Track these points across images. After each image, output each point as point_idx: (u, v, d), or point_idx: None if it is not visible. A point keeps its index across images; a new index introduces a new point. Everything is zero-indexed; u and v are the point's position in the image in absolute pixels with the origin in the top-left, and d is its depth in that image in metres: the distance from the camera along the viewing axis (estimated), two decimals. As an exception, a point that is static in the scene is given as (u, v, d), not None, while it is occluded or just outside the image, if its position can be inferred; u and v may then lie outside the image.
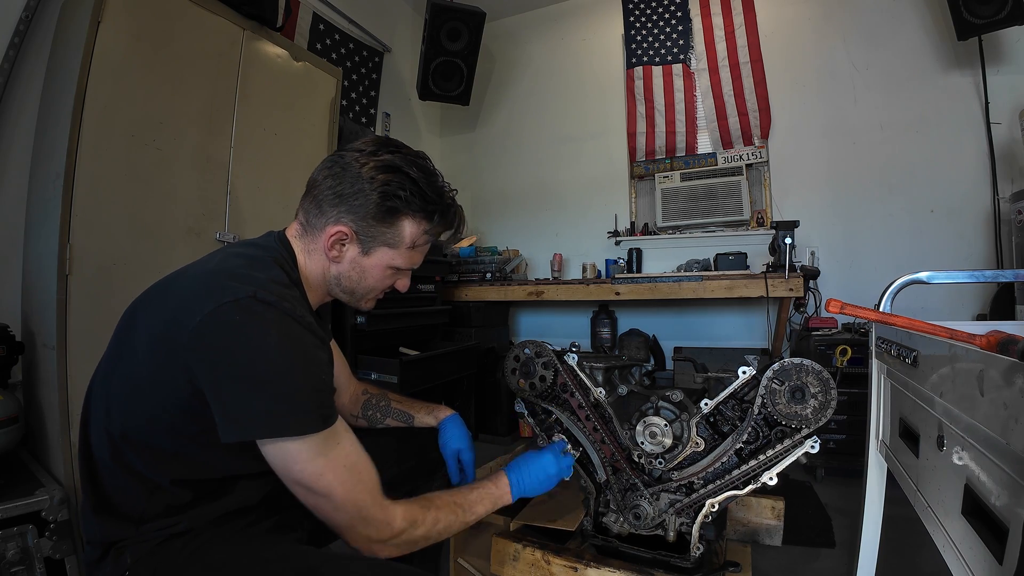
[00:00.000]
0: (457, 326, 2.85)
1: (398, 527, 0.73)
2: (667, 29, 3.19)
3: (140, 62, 1.49)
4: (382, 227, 0.79)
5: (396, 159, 0.78)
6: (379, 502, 0.72)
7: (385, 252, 0.81)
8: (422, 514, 0.77)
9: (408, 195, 0.78)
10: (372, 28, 3.15)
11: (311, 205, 0.80)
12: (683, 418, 1.10)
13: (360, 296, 0.86)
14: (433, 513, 0.78)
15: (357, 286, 0.84)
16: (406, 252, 0.82)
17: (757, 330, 2.95)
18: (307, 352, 0.69)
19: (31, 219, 1.53)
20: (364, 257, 0.81)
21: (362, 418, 1.12)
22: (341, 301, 0.88)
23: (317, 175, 0.80)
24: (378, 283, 0.85)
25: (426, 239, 0.83)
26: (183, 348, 0.64)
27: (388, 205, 0.77)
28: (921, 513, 0.78)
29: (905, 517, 0.94)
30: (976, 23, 2.24)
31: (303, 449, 0.66)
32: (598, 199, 3.41)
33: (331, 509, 0.69)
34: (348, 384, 1.11)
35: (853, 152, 2.78)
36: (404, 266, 0.84)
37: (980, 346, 0.56)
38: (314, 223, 0.80)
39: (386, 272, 0.84)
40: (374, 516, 0.71)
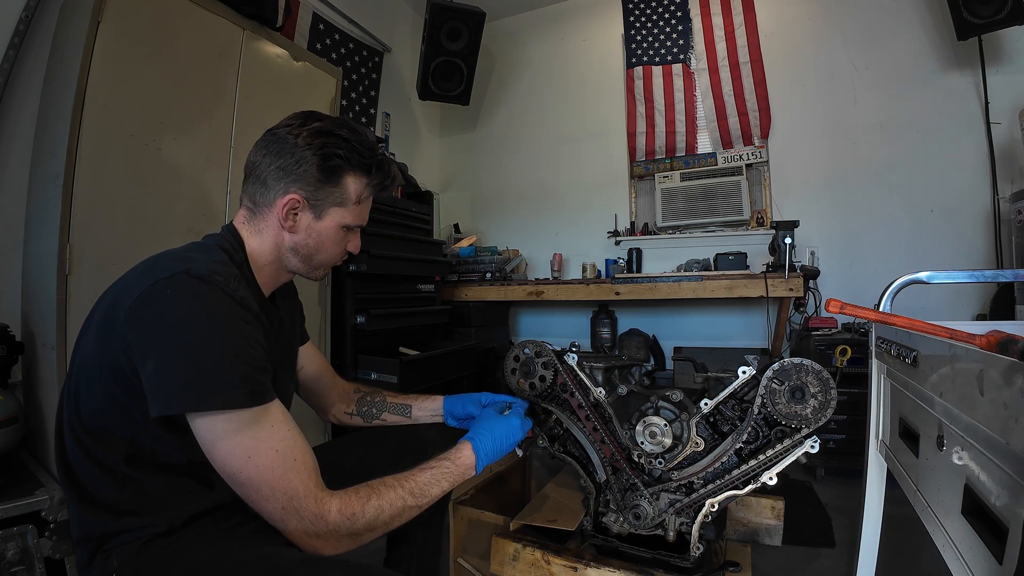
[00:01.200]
0: (457, 326, 2.85)
1: (333, 521, 0.67)
2: (667, 29, 3.19)
3: (140, 62, 1.49)
4: (329, 187, 0.82)
5: (326, 124, 0.82)
6: (312, 492, 0.67)
7: (336, 212, 0.84)
8: (360, 505, 0.70)
9: (345, 152, 0.82)
10: (372, 28, 3.15)
11: (256, 186, 0.82)
12: (683, 418, 1.10)
13: (317, 263, 0.89)
14: (375, 502, 0.72)
15: (315, 252, 0.86)
16: (354, 208, 0.86)
17: (757, 330, 2.95)
18: (235, 325, 0.68)
19: (31, 219, 1.53)
20: (318, 222, 0.84)
21: (357, 415, 1.11)
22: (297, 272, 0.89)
23: (255, 156, 0.83)
24: (334, 246, 0.88)
25: (368, 192, 0.87)
26: (120, 326, 0.65)
27: (329, 165, 0.81)
28: (921, 513, 0.78)
29: (905, 517, 0.94)
30: (976, 23, 2.24)
31: (229, 427, 0.64)
32: (598, 199, 3.41)
33: (259, 498, 0.66)
34: (333, 382, 1.11)
35: (853, 152, 2.78)
36: (354, 223, 0.87)
37: (980, 346, 0.56)
38: (261, 201, 0.82)
39: (339, 233, 0.87)
40: (306, 508, 0.66)
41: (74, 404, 0.71)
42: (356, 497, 0.71)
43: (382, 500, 0.73)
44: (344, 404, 1.11)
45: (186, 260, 0.70)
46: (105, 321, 0.69)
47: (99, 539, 0.70)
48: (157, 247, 1.54)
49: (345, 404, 1.11)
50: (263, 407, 0.67)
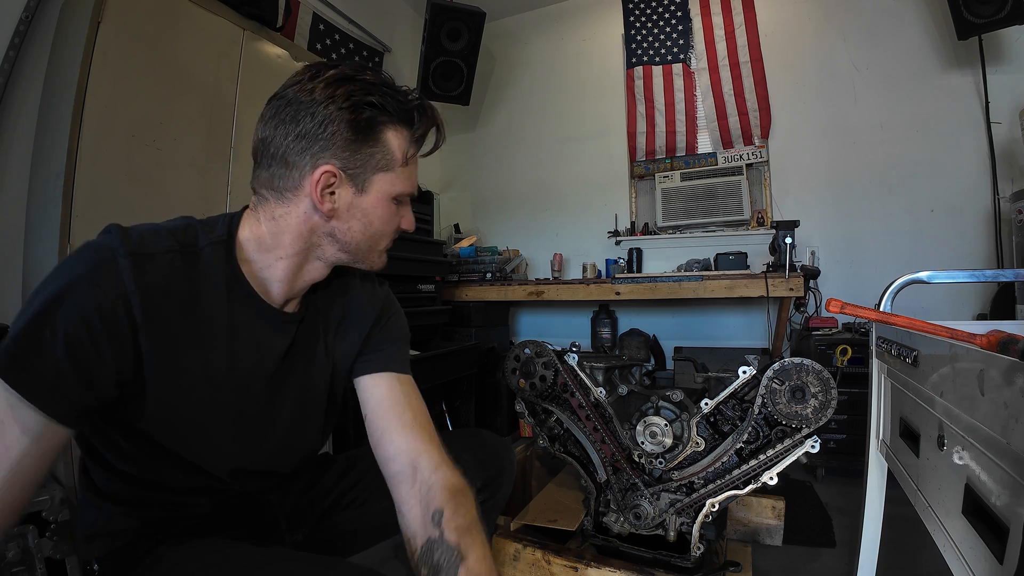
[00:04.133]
0: (457, 326, 2.85)
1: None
2: (667, 29, 3.19)
3: (140, 62, 1.49)
4: (368, 147, 0.65)
5: (345, 69, 0.65)
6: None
7: (383, 179, 0.67)
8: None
9: (379, 99, 0.64)
10: (372, 28, 3.15)
11: (272, 167, 0.65)
12: (683, 418, 1.10)
13: (369, 249, 0.72)
14: None
15: (363, 236, 0.69)
16: (402, 171, 0.69)
17: (757, 330, 2.95)
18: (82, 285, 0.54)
19: (31, 219, 1.53)
20: (362, 196, 0.67)
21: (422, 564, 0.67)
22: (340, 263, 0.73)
23: (264, 131, 0.65)
24: (386, 224, 0.71)
25: (415, 149, 0.70)
26: None
27: (365, 117, 0.64)
28: (921, 513, 0.78)
29: (905, 517, 0.94)
30: (976, 22, 2.24)
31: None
32: (598, 199, 3.41)
33: None
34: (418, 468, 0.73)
35: (853, 152, 2.78)
36: (406, 190, 0.71)
37: (980, 346, 0.56)
38: (282, 185, 0.65)
39: (390, 208, 0.70)
40: None
41: None
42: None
43: None
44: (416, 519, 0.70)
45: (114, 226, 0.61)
46: None
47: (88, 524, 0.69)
48: (157, 247, 1.55)
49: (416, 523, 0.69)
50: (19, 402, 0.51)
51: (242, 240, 0.67)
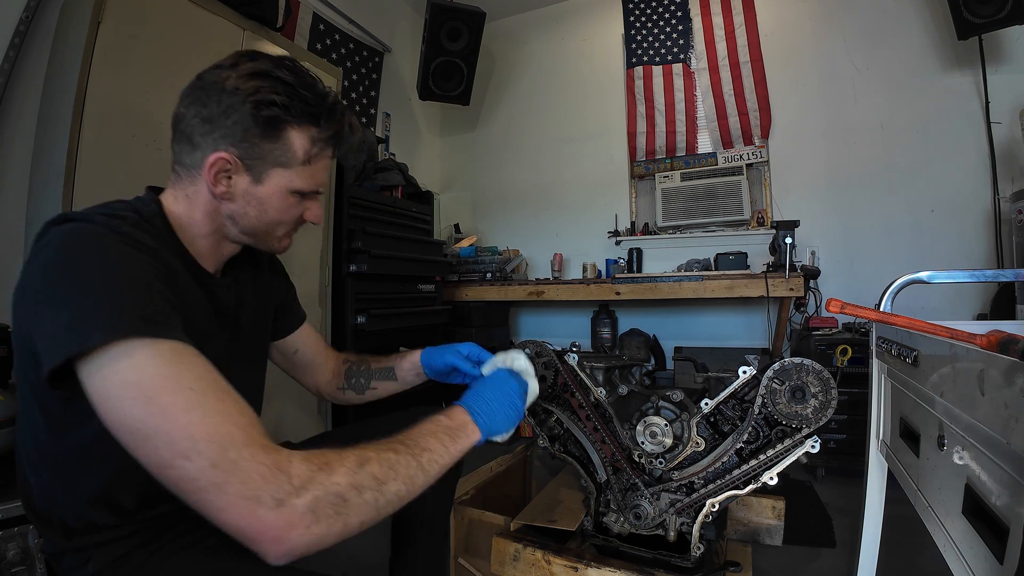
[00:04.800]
0: (457, 326, 2.85)
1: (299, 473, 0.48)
2: (667, 29, 3.19)
3: (140, 62, 1.49)
4: (266, 143, 0.67)
5: (262, 64, 0.67)
6: (256, 440, 0.49)
7: (280, 174, 0.69)
8: (336, 454, 0.52)
9: (285, 99, 0.66)
10: (372, 28, 3.15)
11: (181, 144, 0.70)
12: (683, 418, 1.10)
13: (266, 234, 0.75)
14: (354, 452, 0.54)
15: (258, 222, 0.72)
16: (302, 169, 0.71)
17: (757, 330, 2.95)
18: (120, 250, 0.56)
19: (31, 219, 1.53)
20: (258, 186, 0.69)
21: (349, 388, 1.01)
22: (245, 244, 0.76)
23: (179, 108, 0.70)
24: (282, 214, 0.73)
25: (319, 148, 0.72)
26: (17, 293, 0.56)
27: (265, 115, 0.66)
28: (921, 513, 0.78)
29: (905, 517, 0.94)
30: (976, 22, 2.24)
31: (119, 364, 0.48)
32: (598, 199, 3.41)
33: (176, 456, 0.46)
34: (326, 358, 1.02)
35: (853, 152, 2.78)
36: (306, 187, 0.72)
37: (981, 346, 0.56)
38: (188, 162, 0.69)
39: (288, 199, 0.72)
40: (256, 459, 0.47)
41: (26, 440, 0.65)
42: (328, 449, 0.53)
43: (365, 450, 0.55)
44: (336, 381, 1.02)
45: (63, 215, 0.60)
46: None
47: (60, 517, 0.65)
48: (157, 247, 1.55)
49: (336, 380, 1.01)
50: (168, 342, 0.51)
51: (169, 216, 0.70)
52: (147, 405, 0.47)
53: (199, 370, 0.51)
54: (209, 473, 0.45)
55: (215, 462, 0.46)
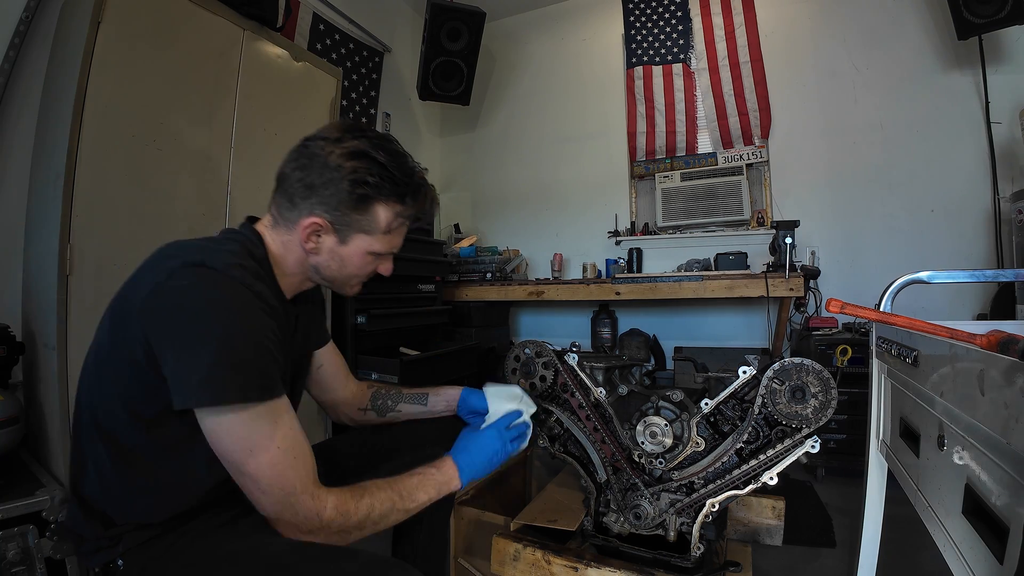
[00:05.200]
0: (457, 326, 2.85)
1: (327, 517, 0.69)
2: (667, 29, 3.19)
3: (140, 62, 1.49)
4: (355, 215, 0.78)
5: (362, 144, 0.77)
6: (310, 489, 0.69)
7: (362, 239, 0.80)
8: (355, 503, 0.72)
9: (378, 180, 0.76)
10: (372, 28, 3.15)
11: (282, 199, 0.79)
12: (683, 418, 1.10)
13: (342, 283, 0.87)
14: (367, 500, 0.74)
15: (338, 274, 0.84)
16: (383, 237, 0.82)
17: (757, 330, 2.95)
18: (252, 318, 0.68)
19: (31, 219, 1.53)
20: (342, 246, 0.80)
21: (371, 410, 1.09)
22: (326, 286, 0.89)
23: (285, 167, 0.79)
24: (359, 270, 0.85)
25: (400, 222, 0.82)
26: (134, 319, 0.65)
27: (359, 193, 0.76)
28: (921, 513, 0.78)
29: (905, 517, 0.94)
30: (976, 22, 2.24)
31: (237, 424, 0.65)
32: (598, 199, 3.41)
33: (258, 492, 0.67)
34: (347, 382, 1.09)
35: (853, 152, 2.78)
36: (383, 251, 0.83)
37: (980, 346, 0.56)
38: (287, 216, 0.79)
39: (366, 258, 0.83)
40: (302, 504, 0.68)
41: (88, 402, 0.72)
42: (349, 495, 0.73)
43: (373, 499, 0.75)
44: (357, 402, 1.09)
45: (201, 252, 0.69)
46: (119, 314, 0.69)
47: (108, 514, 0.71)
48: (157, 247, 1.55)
49: (358, 402, 1.09)
50: (271, 403, 0.68)
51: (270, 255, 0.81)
52: (247, 455, 0.66)
53: (287, 428, 0.69)
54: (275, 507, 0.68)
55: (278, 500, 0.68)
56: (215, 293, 0.66)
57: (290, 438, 0.69)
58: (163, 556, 0.70)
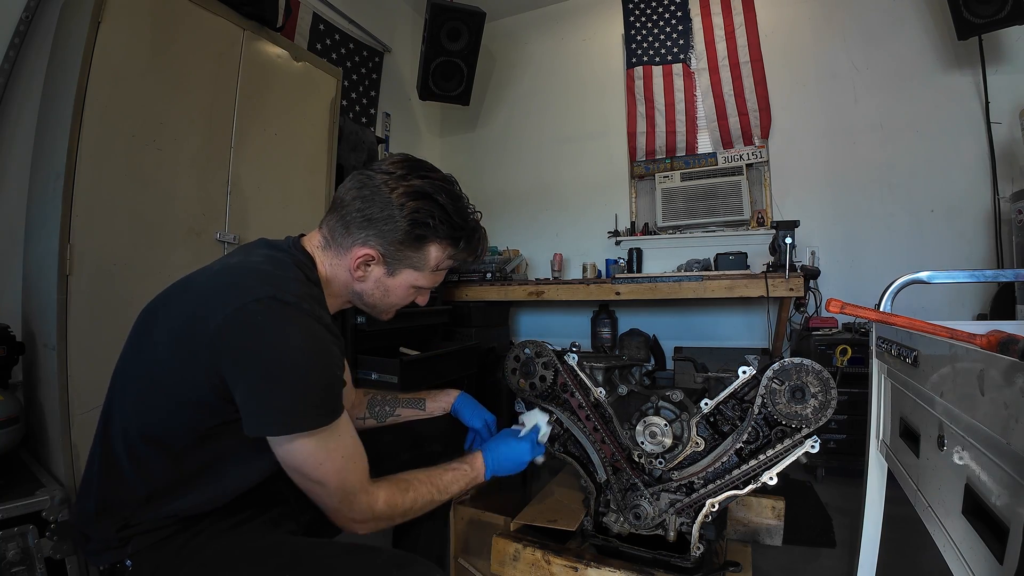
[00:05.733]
0: (457, 326, 2.85)
1: (379, 510, 0.77)
2: (667, 29, 3.19)
3: (140, 62, 1.49)
4: (409, 251, 0.81)
5: (426, 185, 0.79)
6: (366, 488, 0.76)
7: (410, 274, 0.83)
8: (401, 497, 0.81)
9: (436, 223, 0.79)
10: (372, 28, 3.15)
11: (337, 223, 0.81)
12: (683, 418, 1.10)
13: (381, 310, 0.90)
14: (411, 495, 0.82)
15: (380, 303, 0.87)
16: (430, 274, 0.85)
17: (757, 330, 2.95)
18: (324, 349, 0.71)
19: (31, 219, 1.53)
20: (389, 278, 0.83)
21: (369, 417, 1.13)
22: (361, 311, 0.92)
23: (345, 194, 0.81)
24: (400, 300, 0.88)
25: (450, 263, 0.86)
26: (206, 345, 0.67)
27: (417, 233, 0.79)
28: (921, 513, 0.78)
29: (905, 517, 0.94)
30: (976, 23, 2.24)
31: (310, 444, 0.70)
32: (598, 199, 3.41)
33: (324, 495, 0.73)
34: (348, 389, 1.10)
35: (853, 152, 2.78)
36: (427, 285, 0.87)
37: (980, 346, 0.56)
38: (340, 241, 0.81)
39: (409, 291, 0.87)
40: (359, 501, 0.75)
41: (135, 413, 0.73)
42: (397, 490, 0.81)
43: (417, 493, 0.83)
44: (355, 411, 1.11)
45: (271, 280, 0.71)
46: (185, 337, 0.69)
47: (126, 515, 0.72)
48: (157, 247, 1.55)
49: (356, 411, 1.12)
50: (336, 422, 0.72)
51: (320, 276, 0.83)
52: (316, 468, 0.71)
53: (347, 439, 0.75)
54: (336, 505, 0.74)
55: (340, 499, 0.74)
56: (290, 329, 0.68)
57: (350, 447, 0.75)
58: (175, 557, 0.71)
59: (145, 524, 0.72)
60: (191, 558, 0.71)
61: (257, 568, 0.70)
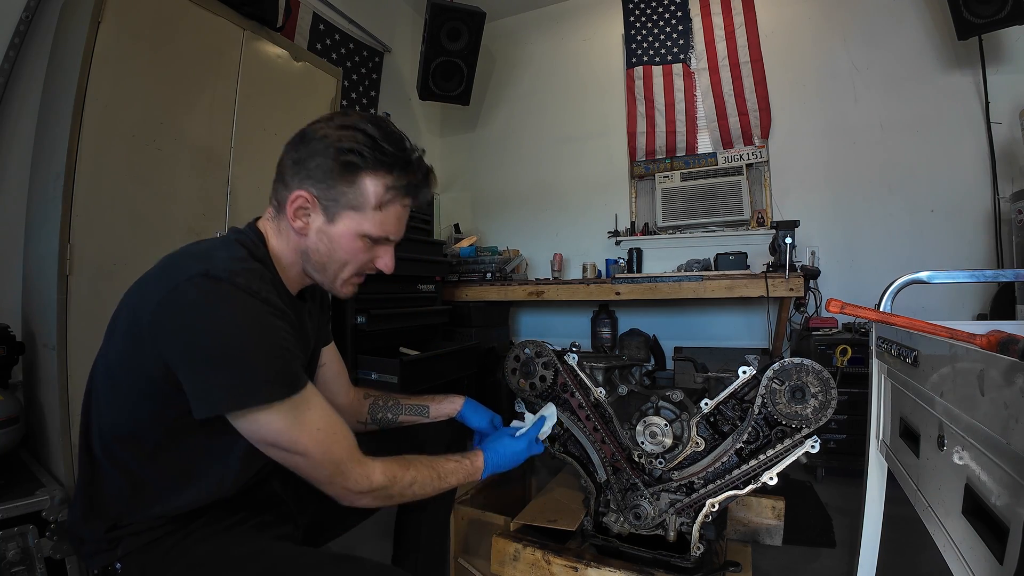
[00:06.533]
0: (457, 326, 2.85)
1: (377, 481, 0.76)
2: (667, 29, 3.19)
3: (140, 62, 1.49)
4: (342, 186, 0.74)
5: (353, 119, 0.76)
6: (356, 457, 0.75)
7: (351, 216, 0.76)
8: (401, 472, 0.80)
9: (365, 150, 0.73)
10: (372, 28, 3.15)
11: (277, 183, 0.79)
12: (683, 418, 1.10)
13: (333, 274, 0.81)
14: (412, 473, 0.81)
15: (328, 260, 0.79)
16: (373, 215, 0.76)
17: (757, 330, 2.95)
18: (263, 321, 0.68)
19: (31, 219, 1.53)
20: (330, 225, 0.76)
21: (372, 423, 1.09)
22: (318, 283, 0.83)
23: (282, 154, 0.79)
24: (351, 256, 0.79)
25: (392, 196, 0.77)
26: (148, 332, 0.66)
27: (344, 160, 0.73)
28: (921, 513, 0.78)
29: (905, 517, 0.94)
30: (976, 23, 2.24)
31: (272, 418, 0.68)
32: (598, 199, 3.41)
33: (309, 467, 0.72)
34: (347, 388, 1.09)
35: (853, 152, 2.78)
36: (375, 232, 0.78)
37: (980, 346, 0.56)
38: (280, 199, 0.77)
39: (357, 243, 0.78)
40: (352, 470, 0.74)
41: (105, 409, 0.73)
42: (397, 464, 0.80)
43: (418, 472, 0.82)
44: (356, 413, 1.09)
45: (205, 259, 0.69)
46: (130, 325, 0.69)
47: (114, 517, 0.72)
48: (157, 247, 1.54)
49: (357, 414, 1.09)
50: (300, 394, 0.70)
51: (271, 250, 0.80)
52: (292, 440, 0.69)
53: (320, 412, 0.72)
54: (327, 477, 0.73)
55: (330, 471, 0.73)
56: (223, 305, 0.65)
57: (325, 419, 0.72)
58: (162, 560, 0.71)
59: (135, 525, 0.71)
60: (177, 561, 0.70)
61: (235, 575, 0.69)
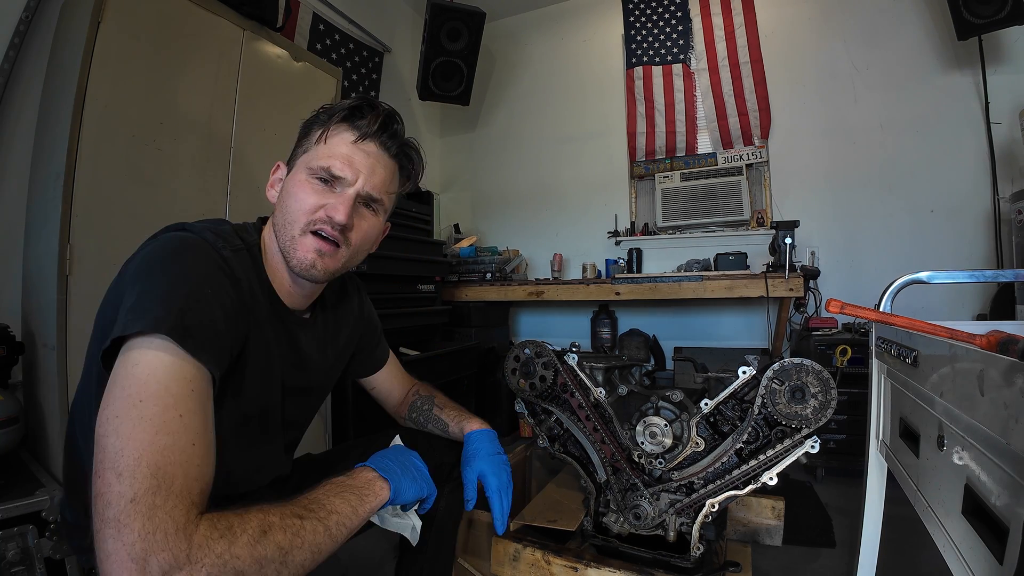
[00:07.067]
0: (457, 326, 2.85)
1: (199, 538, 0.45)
2: (667, 29, 3.19)
3: (140, 62, 1.48)
4: (303, 143, 0.79)
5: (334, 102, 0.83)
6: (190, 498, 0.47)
7: (303, 157, 0.77)
8: (239, 519, 0.50)
9: (326, 115, 0.78)
10: (372, 28, 3.15)
11: None
12: (683, 418, 1.10)
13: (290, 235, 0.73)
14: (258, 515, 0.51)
15: (284, 215, 0.74)
16: (316, 149, 0.76)
17: (757, 330, 2.95)
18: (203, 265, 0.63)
19: (31, 219, 1.53)
20: (289, 177, 0.78)
21: (409, 421, 1.08)
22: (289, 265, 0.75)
23: None
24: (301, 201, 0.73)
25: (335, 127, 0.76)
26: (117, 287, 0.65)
27: (305, 124, 0.80)
28: (921, 513, 0.78)
29: (905, 517, 0.94)
30: (976, 23, 2.24)
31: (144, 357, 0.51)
32: (598, 199, 3.41)
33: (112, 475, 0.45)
34: (402, 393, 1.10)
35: (853, 152, 2.78)
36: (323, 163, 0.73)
37: (980, 346, 0.56)
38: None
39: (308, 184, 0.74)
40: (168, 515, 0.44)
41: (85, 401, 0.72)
42: (232, 512, 0.51)
43: (268, 514, 0.53)
44: (402, 408, 1.09)
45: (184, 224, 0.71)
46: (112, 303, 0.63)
47: None
48: (157, 247, 1.54)
49: (403, 408, 1.09)
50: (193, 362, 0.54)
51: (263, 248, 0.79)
52: (132, 405, 0.48)
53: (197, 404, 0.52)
54: (122, 506, 0.43)
55: (137, 497, 0.44)
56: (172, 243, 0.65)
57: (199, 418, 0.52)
58: None
59: None
60: None
61: None
